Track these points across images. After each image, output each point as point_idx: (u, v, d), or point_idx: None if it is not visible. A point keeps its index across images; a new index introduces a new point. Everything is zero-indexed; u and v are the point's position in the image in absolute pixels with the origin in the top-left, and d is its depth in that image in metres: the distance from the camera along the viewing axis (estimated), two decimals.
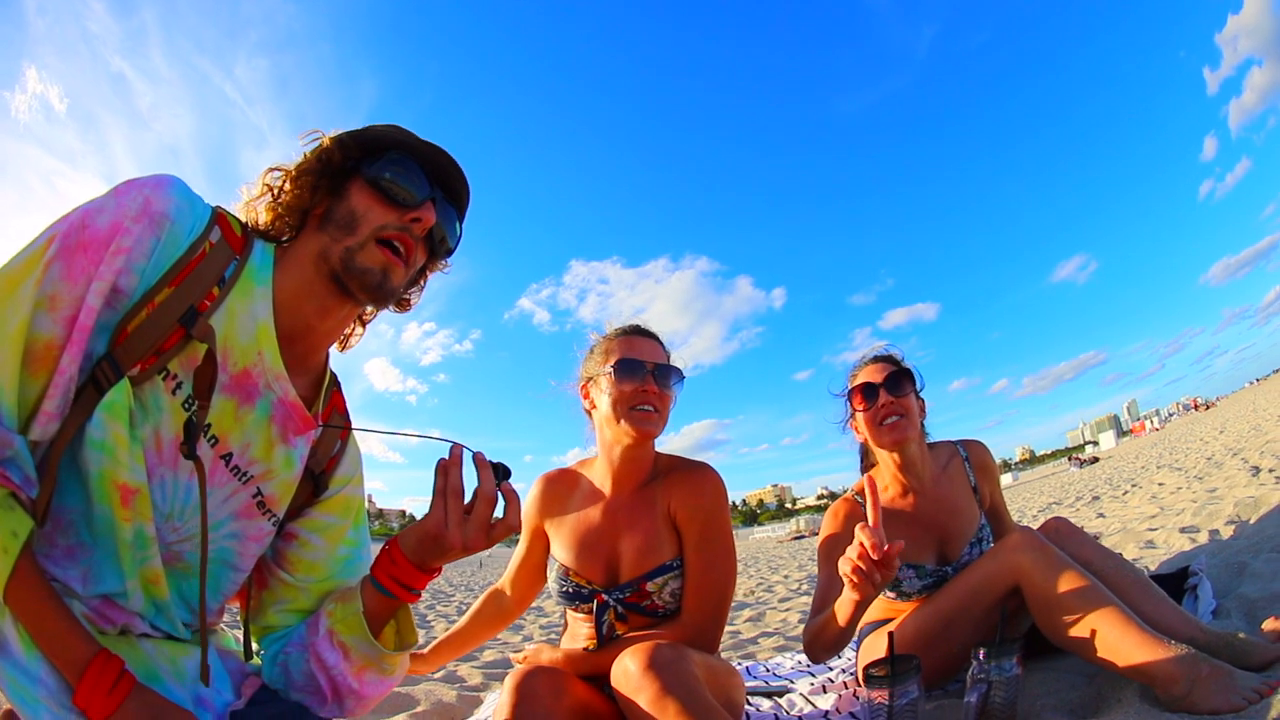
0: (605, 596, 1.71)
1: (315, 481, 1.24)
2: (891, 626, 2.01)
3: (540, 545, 1.92)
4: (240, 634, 1.28)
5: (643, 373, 1.73)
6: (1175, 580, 2.21)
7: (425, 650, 2.00)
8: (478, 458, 1.09)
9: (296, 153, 1.14)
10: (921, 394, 2.18)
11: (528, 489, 1.96)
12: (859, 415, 2.13)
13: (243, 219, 1.14)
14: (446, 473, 1.08)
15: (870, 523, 1.46)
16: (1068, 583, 1.64)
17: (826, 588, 1.91)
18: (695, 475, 1.79)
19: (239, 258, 1.08)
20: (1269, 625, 1.56)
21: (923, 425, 2.20)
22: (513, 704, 1.39)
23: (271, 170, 1.14)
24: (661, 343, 1.86)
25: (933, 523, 2.12)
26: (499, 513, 1.09)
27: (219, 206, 1.11)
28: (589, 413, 1.85)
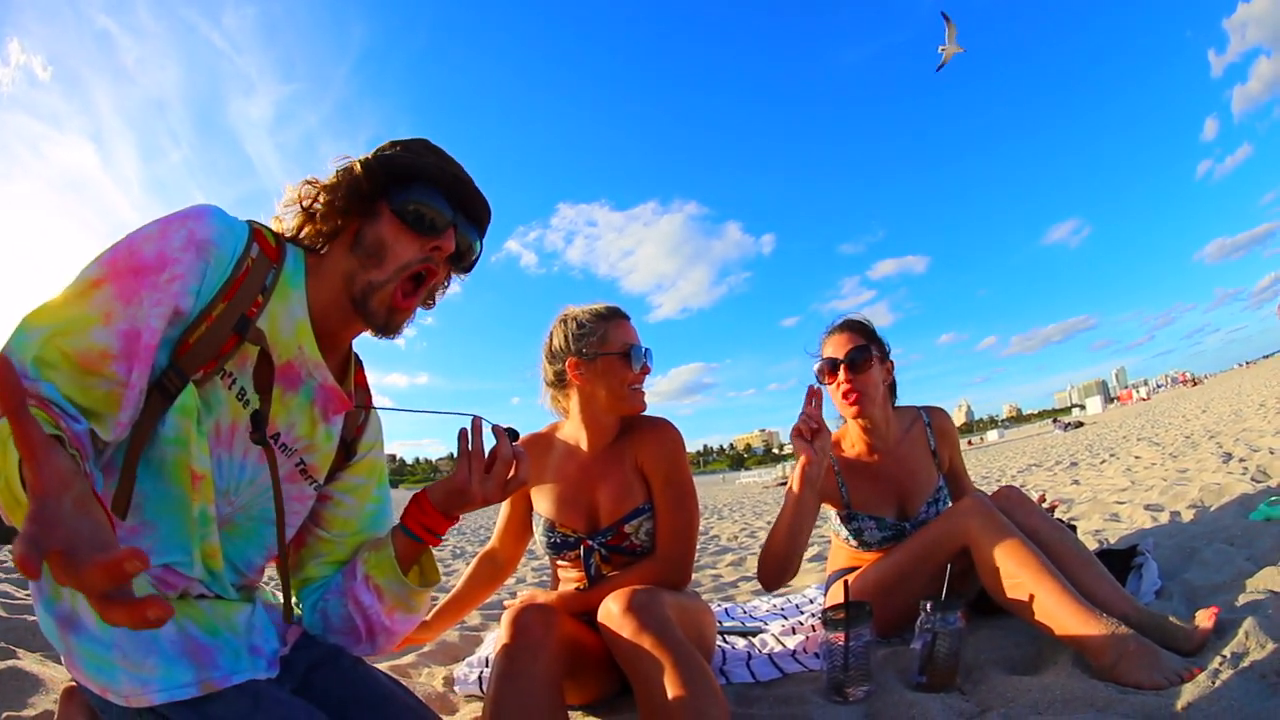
0: (590, 542, 1.90)
1: (345, 449, 1.38)
2: (848, 577, 2.16)
3: (523, 504, 2.09)
4: (279, 592, 1.41)
5: (645, 356, 1.94)
6: (1123, 557, 2.32)
7: (428, 618, 2.14)
8: (496, 429, 1.28)
9: (326, 166, 1.26)
10: (889, 358, 2.32)
11: None
12: (828, 386, 2.28)
13: (274, 227, 1.26)
14: (470, 439, 1.26)
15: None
16: (1011, 549, 1.76)
17: None
18: (657, 429, 1.98)
19: (276, 266, 1.21)
20: (1201, 614, 1.66)
21: (890, 388, 2.35)
22: (510, 635, 1.52)
23: (306, 182, 1.26)
24: None
25: (893, 480, 2.29)
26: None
27: (253, 221, 1.22)
28: (568, 385, 1.97)
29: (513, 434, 1.30)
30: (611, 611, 1.55)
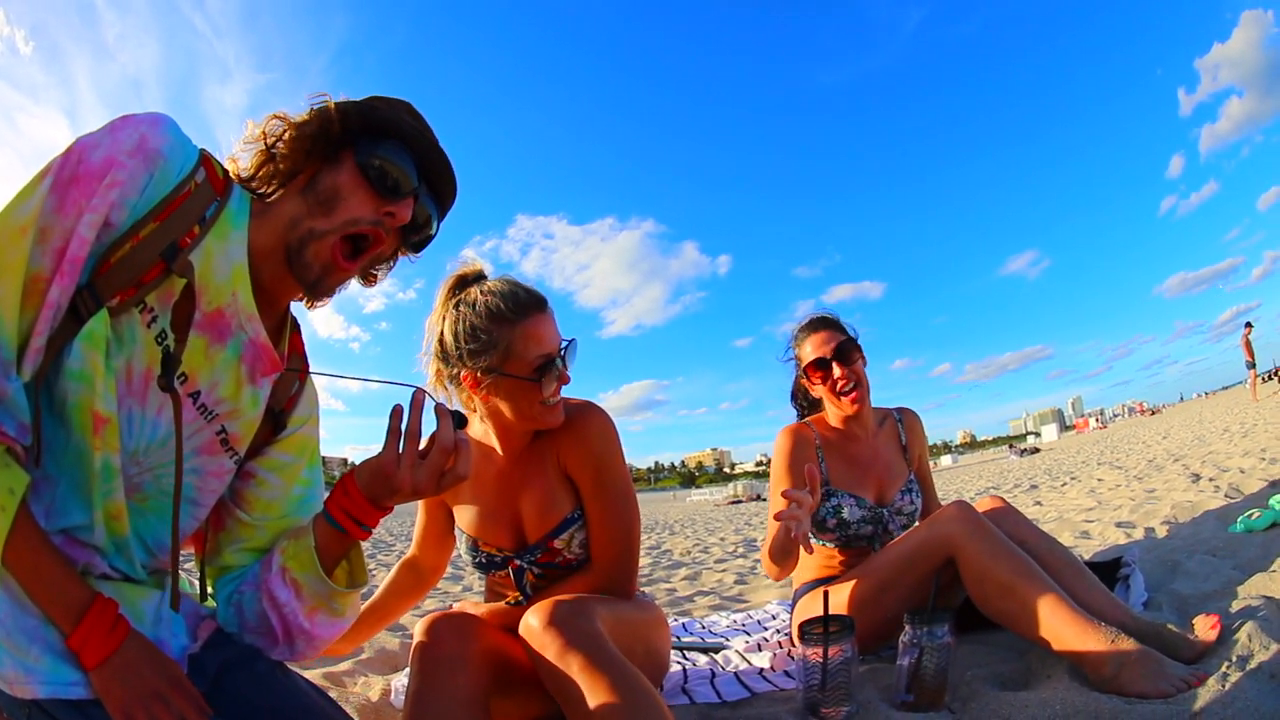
0: (518, 562, 1.69)
1: (274, 420, 1.25)
2: (827, 588, 2.03)
3: (441, 510, 1.87)
4: (195, 579, 1.31)
5: (564, 362, 1.59)
6: (1108, 569, 2.26)
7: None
8: (439, 407, 1.08)
9: (299, 106, 1.15)
10: (861, 352, 2.27)
11: None
12: (819, 387, 2.22)
13: (226, 164, 1.16)
14: (405, 415, 1.06)
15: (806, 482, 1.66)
16: (1001, 557, 1.66)
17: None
18: (580, 422, 1.67)
19: (220, 199, 1.10)
20: (1201, 621, 1.58)
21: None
22: (423, 648, 1.37)
23: (274, 118, 1.14)
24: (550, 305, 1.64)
25: (870, 465, 2.26)
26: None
27: (204, 149, 1.12)
28: (468, 393, 1.63)
29: (459, 419, 1.09)
30: (532, 627, 1.36)
